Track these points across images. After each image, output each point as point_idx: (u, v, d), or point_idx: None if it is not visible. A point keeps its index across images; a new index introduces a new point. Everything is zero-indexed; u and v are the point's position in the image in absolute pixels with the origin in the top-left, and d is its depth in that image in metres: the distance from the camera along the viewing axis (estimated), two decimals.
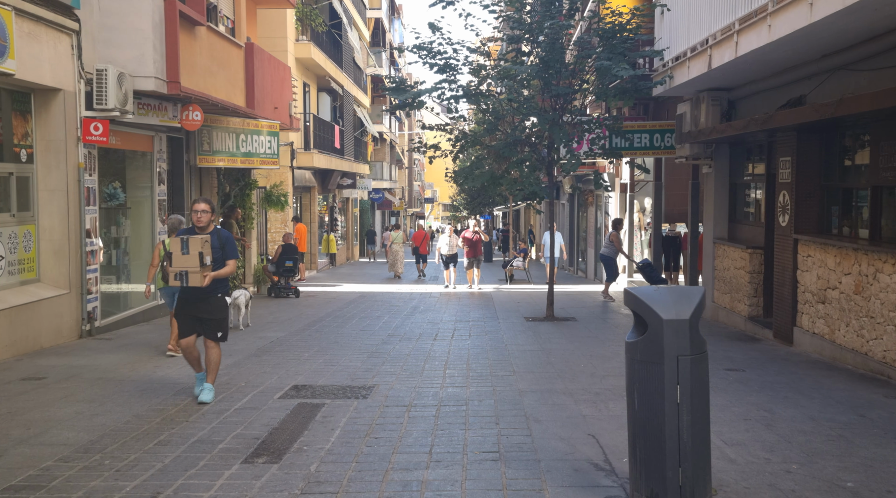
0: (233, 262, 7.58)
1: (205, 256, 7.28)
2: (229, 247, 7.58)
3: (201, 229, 7.51)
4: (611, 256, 17.31)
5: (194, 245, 7.29)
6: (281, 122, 19.13)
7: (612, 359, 9.82)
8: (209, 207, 7.53)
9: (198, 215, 7.49)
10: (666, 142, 15.70)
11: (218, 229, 7.62)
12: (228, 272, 7.52)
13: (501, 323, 13.66)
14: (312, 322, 13.82)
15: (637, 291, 4.64)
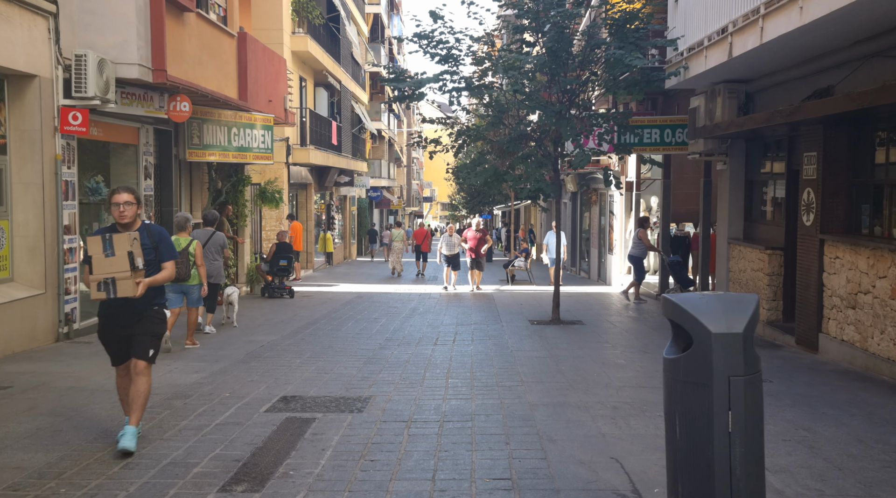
0: (170, 264, 6.14)
1: (135, 257, 5.79)
2: (164, 246, 6.13)
3: (125, 227, 5.97)
4: (639, 256, 16.53)
5: (121, 244, 5.77)
6: (275, 116, 18.43)
7: (626, 367, 9.13)
8: (133, 198, 5.98)
9: (119, 210, 5.90)
10: (677, 137, 15.01)
11: (148, 225, 6.16)
12: (166, 278, 6.07)
13: (505, 326, 12.98)
14: (306, 324, 13.13)
15: (678, 299, 3.94)
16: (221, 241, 12.11)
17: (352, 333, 12.13)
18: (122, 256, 5.73)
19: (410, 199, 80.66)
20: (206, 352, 10.15)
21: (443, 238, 21.16)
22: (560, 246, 14.01)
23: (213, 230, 12.16)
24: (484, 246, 20.82)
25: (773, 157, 12.24)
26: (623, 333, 12.35)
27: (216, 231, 12.17)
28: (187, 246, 10.27)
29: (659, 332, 12.34)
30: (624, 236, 21.58)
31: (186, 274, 9.90)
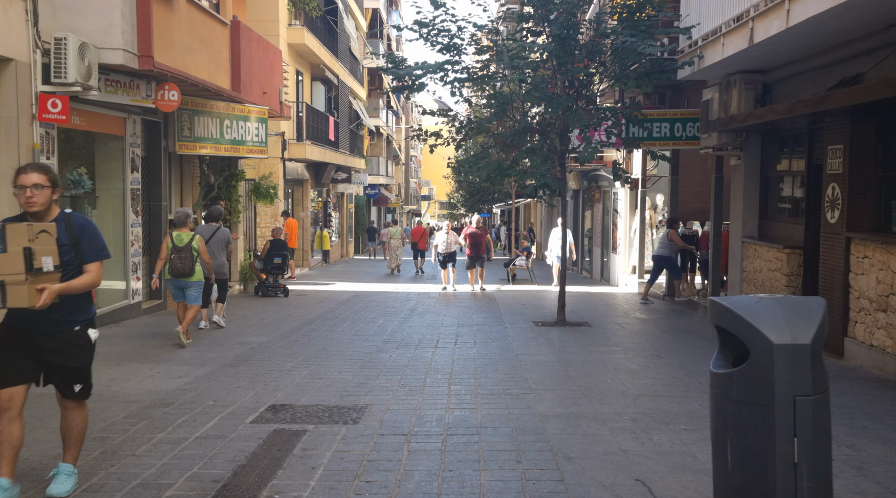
0: (95, 267, 4.65)
1: (37, 255, 4.33)
2: (88, 243, 4.63)
3: (35, 216, 4.53)
4: (668, 256, 15.89)
5: (16, 238, 4.31)
6: (270, 109, 17.81)
7: (640, 374, 8.53)
8: (46, 179, 4.54)
9: (26, 194, 4.47)
10: (688, 132, 14.43)
11: (69, 215, 4.67)
12: (86, 284, 4.59)
13: (508, 328, 12.38)
14: (300, 325, 12.52)
15: (733, 304, 3.34)
16: (226, 238, 11.98)
17: (347, 335, 11.53)
18: (17, 254, 4.26)
19: (409, 198, 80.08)
20: (192, 354, 9.54)
21: (438, 236, 20.38)
22: (566, 244, 13.41)
23: (218, 226, 12.03)
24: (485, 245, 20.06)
25: (791, 151, 11.65)
26: (632, 335, 11.76)
27: (220, 227, 12.03)
28: (189, 241, 10.18)
29: (670, 335, 11.74)
30: (628, 235, 20.99)
31: (190, 270, 10.15)
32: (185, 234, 10.31)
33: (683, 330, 12.31)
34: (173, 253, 10.12)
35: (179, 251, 10.14)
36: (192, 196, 15.82)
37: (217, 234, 11.90)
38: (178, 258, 10.10)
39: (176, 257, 10.08)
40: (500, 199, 43.37)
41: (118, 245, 12.69)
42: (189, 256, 10.13)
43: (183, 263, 10.12)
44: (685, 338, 11.41)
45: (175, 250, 10.11)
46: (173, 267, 10.14)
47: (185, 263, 10.12)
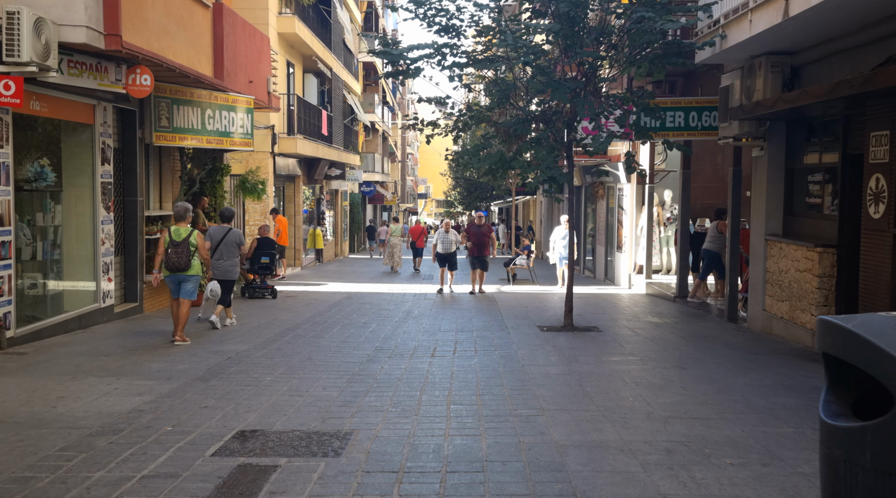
0: None
1: None
2: None
3: None
4: (717, 252, 14.77)
5: None
6: (257, 99, 16.79)
7: (665, 389, 7.53)
8: None
9: None
10: (704, 121, 13.43)
11: None
12: None
13: (512, 334, 11.38)
14: (286, 331, 11.51)
15: (863, 327, 2.33)
16: (238, 239, 11.93)
17: (336, 342, 10.52)
18: None
19: (405, 196, 79.05)
20: (160, 366, 8.52)
21: (437, 234, 18.91)
22: (573, 243, 12.41)
23: (230, 227, 11.98)
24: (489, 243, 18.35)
25: (821, 140, 10.65)
26: (648, 342, 10.75)
27: (232, 228, 11.97)
28: (188, 236, 10.09)
29: (689, 341, 10.74)
30: (634, 233, 19.99)
31: (186, 264, 10.02)
32: (184, 228, 10.17)
33: (702, 336, 11.31)
34: (170, 248, 10.00)
35: (176, 246, 10.02)
36: (172, 191, 14.80)
37: (229, 235, 11.81)
38: (174, 253, 9.99)
39: (172, 252, 9.99)
40: (499, 196, 42.33)
41: (86, 243, 11.66)
42: (185, 251, 10.00)
43: (179, 258, 10.00)
44: (706, 345, 10.41)
45: (172, 245, 10.01)
46: (169, 262, 10.02)
47: (182, 257, 10.00)
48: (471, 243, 18.08)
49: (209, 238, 11.69)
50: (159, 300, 14.08)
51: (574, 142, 12.10)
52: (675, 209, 19.73)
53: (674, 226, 19.74)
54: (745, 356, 9.52)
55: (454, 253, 18.61)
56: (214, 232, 11.83)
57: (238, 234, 12.01)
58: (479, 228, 18.41)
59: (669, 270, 19.90)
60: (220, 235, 11.77)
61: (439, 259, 18.58)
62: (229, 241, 11.80)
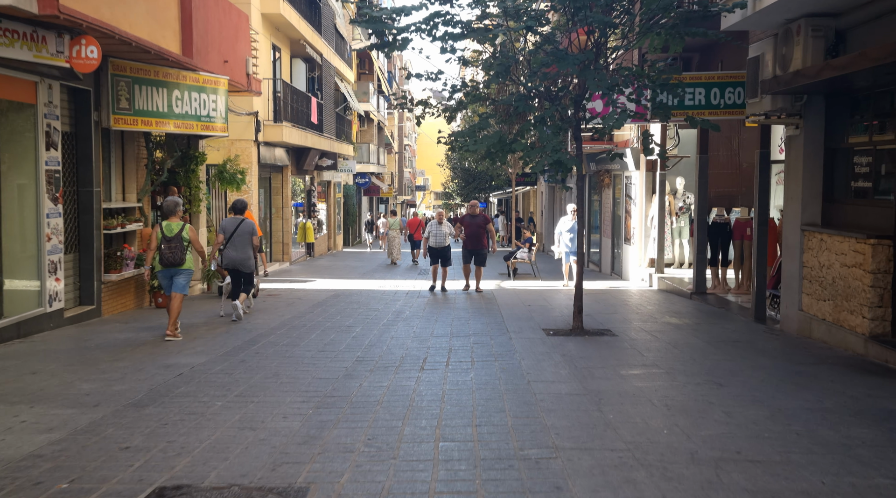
0: None
1: None
2: None
3: None
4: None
5: None
6: (234, 81, 15.39)
7: (704, 415, 6.12)
8: None
9: None
10: (727, 98, 12.01)
11: None
12: None
13: (514, 339, 9.98)
14: (257, 337, 10.12)
15: None
16: (251, 230, 11.80)
17: (312, 351, 9.13)
18: None
19: (403, 188, 77.51)
20: (93, 385, 7.12)
21: (429, 226, 16.94)
22: (581, 235, 10.98)
23: (242, 218, 11.85)
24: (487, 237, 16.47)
25: (870, 115, 9.23)
26: (670, 349, 9.34)
27: (245, 219, 11.85)
28: (179, 231, 9.95)
29: (718, 348, 9.34)
30: (644, 224, 18.59)
31: (180, 259, 9.89)
32: (175, 223, 10.02)
33: (731, 340, 9.91)
34: (163, 243, 9.89)
35: (169, 241, 9.90)
36: (137, 181, 13.39)
37: (241, 226, 11.70)
38: (167, 248, 9.88)
39: (166, 248, 9.87)
40: (499, 186, 40.87)
41: (30, 239, 10.25)
42: (179, 246, 9.89)
43: (173, 253, 9.87)
44: (739, 353, 9.01)
45: (165, 240, 9.90)
46: (163, 257, 9.90)
47: (175, 252, 9.88)
48: (465, 235, 16.25)
49: (222, 230, 11.74)
50: (122, 301, 12.68)
51: (582, 121, 10.69)
52: (687, 198, 18.33)
53: (687, 216, 18.35)
54: (789, 368, 8.11)
55: (448, 247, 16.77)
56: (227, 223, 11.77)
57: (251, 224, 11.84)
58: (474, 219, 16.51)
59: (682, 263, 18.51)
60: (232, 227, 11.68)
61: (431, 254, 16.75)
62: (242, 232, 11.68)
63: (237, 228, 11.71)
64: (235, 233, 11.68)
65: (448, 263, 16.72)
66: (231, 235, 11.66)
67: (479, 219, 16.47)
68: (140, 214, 13.41)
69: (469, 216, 16.68)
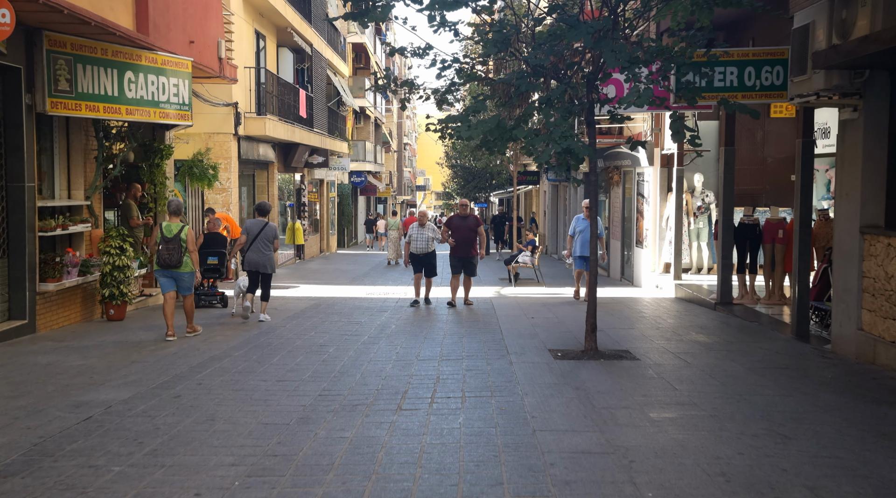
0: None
1: None
2: None
3: None
4: None
5: None
6: (204, 65, 13.73)
7: (781, 495, 4.43)
8: None
9: None
10: (763, 79, 10.29)
11: None
12: None
13: (515, 364, 8.30)
14: (207, 360, 8.45)
15: None
16: (273, 233, 11.78)
17: (269, 380, 7.46)
18: None
19: (402, 188, 75.79)
20: None
21: (410, 230, 14.04)
22: (597, 239, 9.29)
23: (266, 221, 11.86)
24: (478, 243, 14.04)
25: None
26: (707, 379, 7.65)
27: (269, 222, 11.85)
28: (178, 232, 9.89)
29: (768, 378, 7.64)
30: (659, 225, 16.91)
31: (178, 261, 9.86)
32: (175, 224, 9.98)
33: (778, 366, 8.21)
34: (161, 244, 9.90)
35: (167, 242, 9.88)
36: (85, 176, 11.71)
37: (265, 229, 11.68)
38: (165, 249, 9.88)
39: (164, 248, 9.88)
40: (499, 184, 39.13)
41: None
42: (177, 248, 9.85)
43: (170, 255, 9.85)
44: (793, 385, 7.31)
45: (163, 241, 9.89)
46: (160, 258, 9.92)
47: (173, 254, 9.85)
48: (453, 241, 13.67)
49: (245, 232, 11.71)
50: (64, 314, 11.01)
51: (596, 103, 9.00)
52: (706, 196, 16.65)
53: (706, 216, 16.67)
54: (867, 409, 6.41)
55: (433, 254, 13.98)
56: (252, 225, 11.73)
57: (274, 228, 11.85)
58: (465, 221, 13.82)
59: (701, 268, 16.83)
60: (257, 229, 11.64)
61: (413, 262, 13.90)
62: (266, 235, 11.66)
63: (261, 231, 11.64)
64: (259, 235, 11.62)
65: (433, 272, 14.03)
66: (255, 238, 11.61)
67: (469, 221, 13.85)
68: (89, 214, 11.75)
69: (458, 218, 13.96)
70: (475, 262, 13.86)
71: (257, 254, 11.66)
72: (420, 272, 13.89)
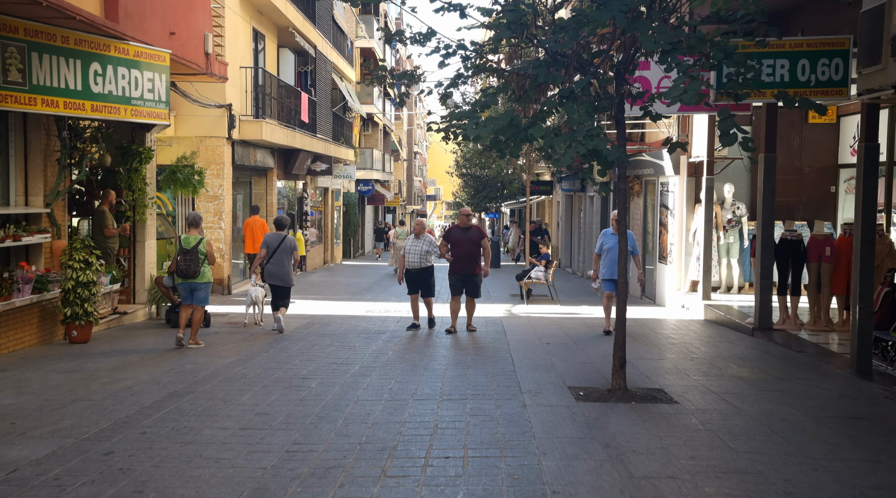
0: None
1: None
2: None
3: None
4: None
5: None
6: (181, 57, 12.43)
7: None
8: None
9: None
10: (820, 73, 8.91)
11: None
12: None
13: (529, 407, 6.93)
14: (161, 400, 7.10)
15: None
16: (292, 245, 11.99)
17: (230, 429, 6.11)
18: None
19: (412, 197, 74.47)
20: None
21: (407, 242, 12.17)
22: (626, 257, 7.89)
23: (285, 234, 12.05)
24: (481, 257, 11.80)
25: None
26: (767, 433, 6.23)
27: (287, 235, 12.04)
28: (196, 244, 10.12)
29: (843, 435, 6.21)
30: (685, 239, 15.50)
31: (195, 272, 10.07)
32: (193, 237, 10.24)
33: (850, 415, 6.79)
34: (179, 255, 10.13)
35: (185, 254, 10.10)
36: (45, 180, 10.40)
37: (284, 242, 11.87)
38: (182, 260, 10.12)
39: (181, 259, 10.12)
40: (511, 194, 37.74)
41: None
42: (194, 259, 10.07)
43: (188, 266, 10.09)
44: (878, 443, 5.90)
45: (181, 252, 10.13)
46: (178, 269, 10.16)
47: (190, 265, 10.08)
48: (453, 256, 11.73)
49: (265, 245, 11.86)
50: (17, 338, 9.70)
51: (627, 96, 7.64)
52: (738, 208, 15.23)
53: (736, 230, 15.25)
54: None
55: (429, 270, 11.99)
56: (271, 239, 11.92)
57: (293, 241, 12.03)
58: (466, 234, 11.76)
59: (731, 287, 15.40)
60: (276, 242, 11.85)
61: (408, 280, 12.02)
62: (284, 248, 11.84)
63: (280, 244, 11.81)
64: (279, 249, 11.77)
65: (430, 292, 12.08)
66: (275, 251, 11.75)
67: (472, 233, 11.77)
68: (49, 223, 10.44)
69: (458, 229, 11.89)
70: (478, 280, 11.76)
71: (277, 266, 11.78)
72: (416, 292, 12.02)
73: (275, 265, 11.80)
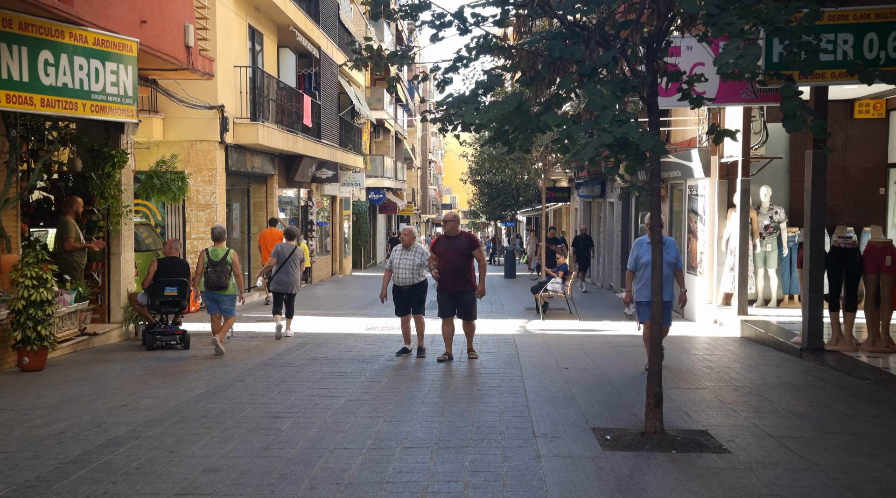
0: None
1: None
2: None
3: None
4: None
5: None
6: (155, 49, 11.17)
7: None
8: None
9: None
10: (892, 49, 7.48)
11: None
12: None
13: (544, 458, 5.54)
14: (92, 451, 5.78)
15: None
16: (301, 255, 12.46)
17: (166, 495, 4.76)
18: None
19: (427, 206, 73.25)
20: None
21: (393, 253, 10.27)
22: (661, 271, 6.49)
23: (296, 245, 12.34)
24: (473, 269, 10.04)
25: None
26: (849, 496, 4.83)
27: (297, 246, 12.33)
28: (224, 256, 10.40)
29: None
30: (718, 248, 14.05)
31: (224, 283, 10.43)
32: (221, 249, 10.48)
33: None
34: (209, 267, 10.35)
35: (214, 266, 10.34)
36: None
37: (294, 252, 12.20)
38: (213, 272, 10.34)
39: (211, 271, 10.34)
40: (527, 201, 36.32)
41: None
42: (224, 271, 10.35)
43: (218, 277, 10.33)
44: None
45: (210, 265, 10.35)
46: (208, 280, 10.36)
47: (220, 276, 10.34)
48: (439, 271, 9.85)
49: (276, 255, 12.16)
50: None
51: (661, 76, 6.25)
52: (776, 213, 13.77)
53: (774, 237, 13.80)
54: None
55: (421, 287, 10.26)
56: (282, 249, 12.22)
57: (302, 252, 12.54)
58: (452, 244, 9.91)
59: (768, 300, 13.94)
60: (287, 253, 12.17)
61: (396, 299, 10.30)
62: (294, 257, 12.19)
63: (291, 255, 12.15)
64: (289, 259, 12.12)
65: (420, 309, 10.30)
66: (285, 261, 12.08)
67: (460, 243, 9.88)
68: None
69: (444, 238, 10.08)
70: (469, 299, 9.78)
71: (286, 275, 12.13)
72: (407, 313, 10.28)
73: (284, 273, 12.12)
